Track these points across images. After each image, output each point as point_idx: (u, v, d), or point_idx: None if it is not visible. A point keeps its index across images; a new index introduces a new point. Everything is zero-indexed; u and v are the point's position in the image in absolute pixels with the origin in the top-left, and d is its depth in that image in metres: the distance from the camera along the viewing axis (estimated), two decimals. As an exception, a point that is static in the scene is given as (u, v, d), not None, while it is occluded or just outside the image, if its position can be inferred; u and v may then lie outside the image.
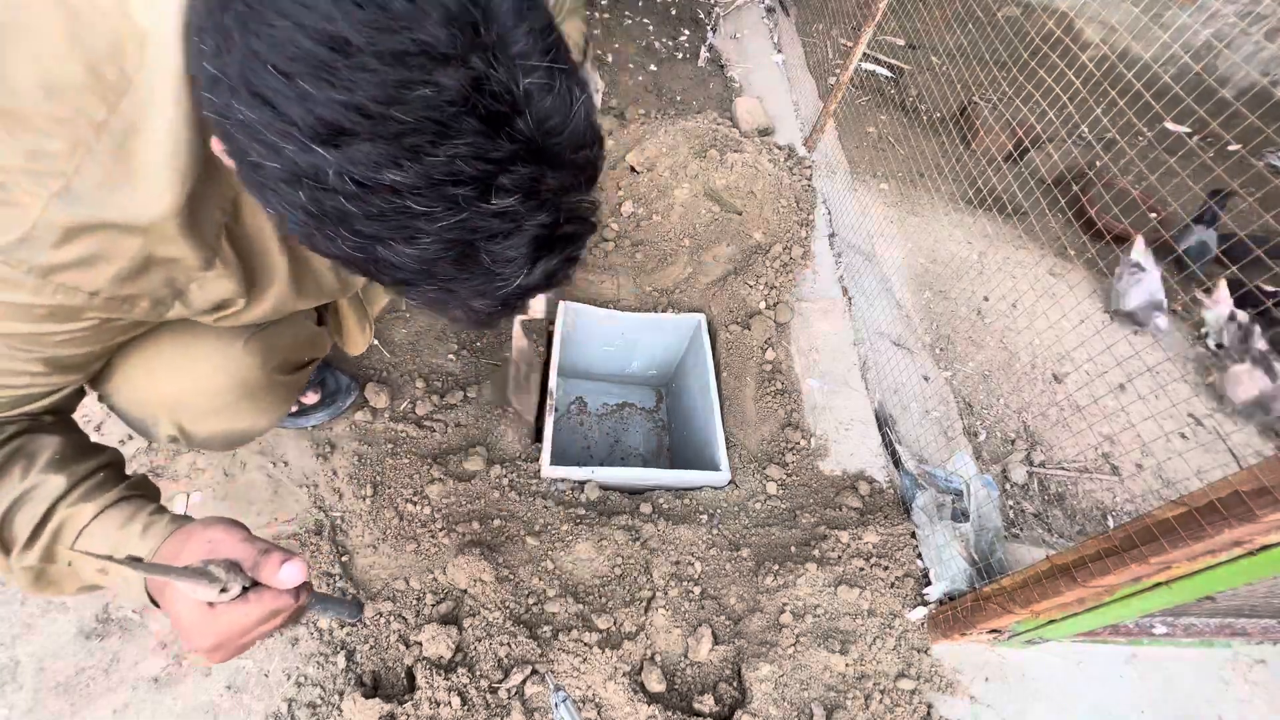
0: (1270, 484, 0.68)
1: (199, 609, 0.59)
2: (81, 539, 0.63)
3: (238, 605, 0.59)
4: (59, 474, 0.64)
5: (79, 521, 0.63)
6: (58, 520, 0.63)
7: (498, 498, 1.22)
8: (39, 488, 0.63)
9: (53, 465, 0.64)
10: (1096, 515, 1.60)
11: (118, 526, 0.63)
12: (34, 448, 0.65)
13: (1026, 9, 3.25)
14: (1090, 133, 2.37)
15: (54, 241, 0.51)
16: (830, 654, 1.11)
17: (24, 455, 0.64)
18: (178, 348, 0.76)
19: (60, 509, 0.63)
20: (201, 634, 0.60)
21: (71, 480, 0.64)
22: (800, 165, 2.02)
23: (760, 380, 1.54)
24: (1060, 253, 2.17)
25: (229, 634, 0.60)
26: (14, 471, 0.63)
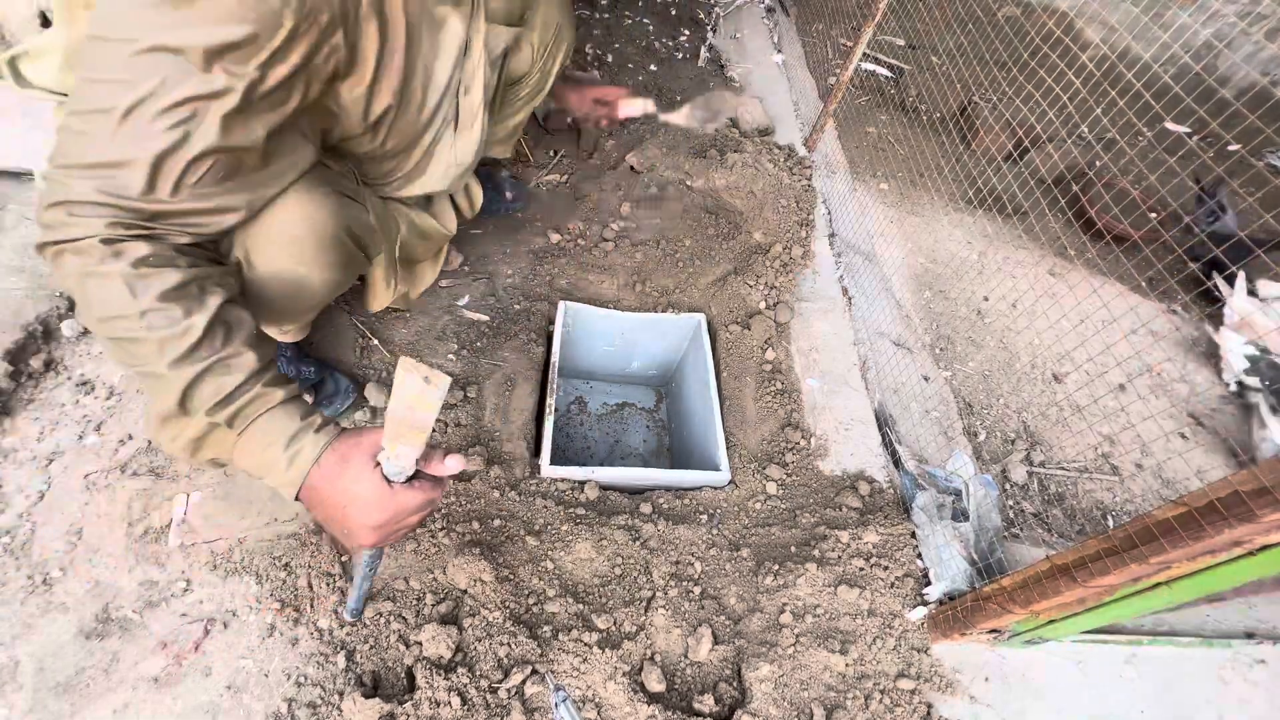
0: (1270, 484, 0.68)
1: (381, 486, 0.71)
2: (265, 416, 0.71)
3: (409, 487, 0.72)
4: (254, 351, 0.72)
5: (270, 400, 0.72)
6: (251, 394, 0.71)
7: (497, 497, 1.22)
8: (238, 357, 0.70)
9: (250, 341, 0.72)
10: (1096, 515, 1.60)
11: (300, 417, 0.73)
12: (232, 318, 0.72)
13: (1026, 9, 3.25)
14: (1090, 133, 2.37)
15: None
16: (830, 654, 1.11)
17: (223, 323, 0.70)
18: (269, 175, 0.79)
19: (255, 385, 0.71)
20: (380, 508, 0.71)
21: (262, 361, 0.72)
22: (800, 165, 2.02)
23: (760, 380, 1.54)
24: (1060, 253, 2.17)
25: (399, 512, 0.72)
26: (218, 334, 0.69)
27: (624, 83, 2.23)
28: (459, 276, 1.56)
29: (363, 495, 0.71)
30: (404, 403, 0.65)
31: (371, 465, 0.71)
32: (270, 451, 0.71)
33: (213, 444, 0.76)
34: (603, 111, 1.47)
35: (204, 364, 0.68)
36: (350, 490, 0.71)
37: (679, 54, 2.48)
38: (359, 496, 0.71)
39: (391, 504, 0.71)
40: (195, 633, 0.97)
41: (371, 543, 0.74)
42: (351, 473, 0.71)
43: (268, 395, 0.71)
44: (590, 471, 1.30)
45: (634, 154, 1.87)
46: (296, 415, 0.72)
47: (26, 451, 1.08)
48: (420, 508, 0.74)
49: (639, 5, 2.63)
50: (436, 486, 0.75)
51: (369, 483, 0.71)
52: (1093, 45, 3.03)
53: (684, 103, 1.53)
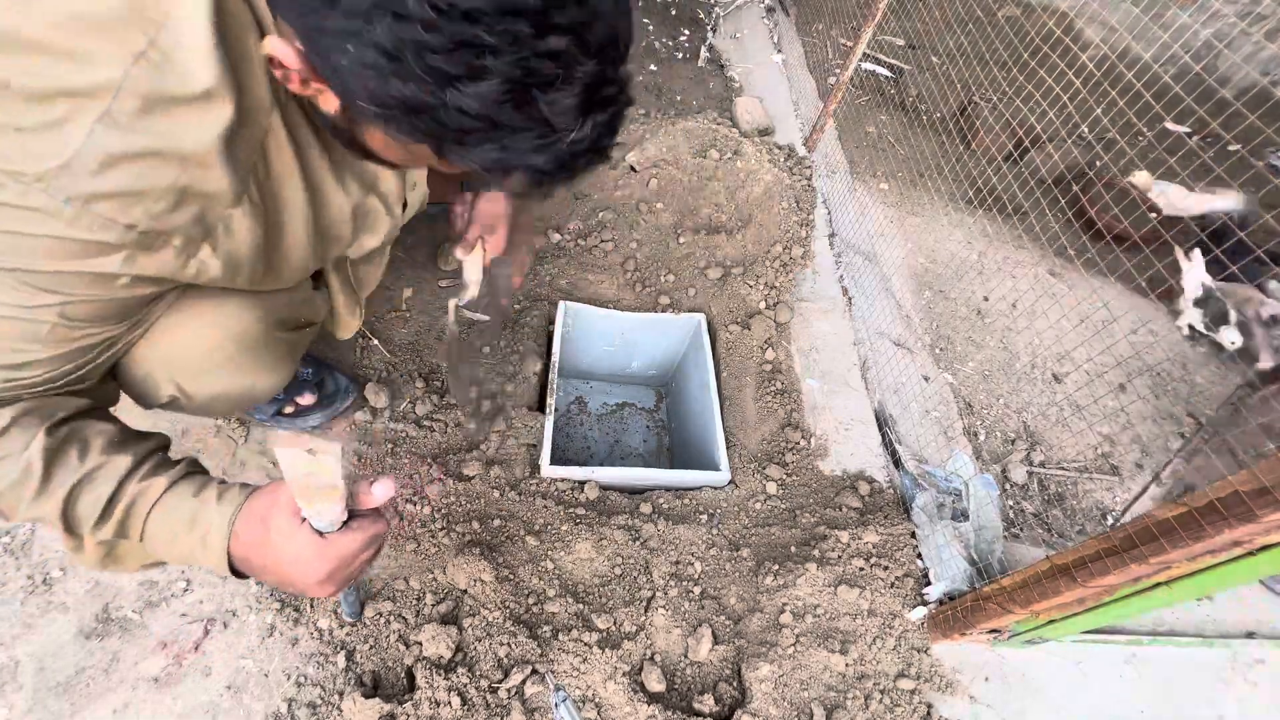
0: (1270, 484, 0.68)
1: (314, 541, 0.64)
2: (155, 511, 0.65)
3: (345, 534, 0.66)
4: (122, 454, 0.66)
5: (152, 495, 0.66)
6: (129, 496, 0.65)
7: (497, 497, 1.22)
8: (103, 467, 0.65)
9: (113, 446, 0.67)
10: (1096, 515, 1.60)
11: (192, 494, 0.66)
12: (87, 433, 0.67)
13: (1026, 9, 3.25)
14: (1090, 133, 2.37)
15: (94, 170, 0.51)
16: (830, 654, 1.11)
17: (78, 440, 0.65)
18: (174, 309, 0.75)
19: (130, 485, 0.65)
20: (318, 565, 0.65)
21: (136, 459, 0.67)
22: (800, 165, 2.02)
23: (760, 380, 1.54)
24: (1060, 253, 2.17)
25: (342, 561, 0.66)
26: (70, 454, 0.64)
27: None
28: (459, 276, 1.56)
29: (297, 555, 0.64)
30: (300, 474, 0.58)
31: (297, 521, 0.64)
32: (180, 542, 0.66)
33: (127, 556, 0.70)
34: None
35: (66, 487, 0.63)
36: (282, 553, 0.65)
37: (679, 54, 2.48)
38: (294, 557, 0.65)
39: (332, 554, 0.65)
40: (195, 633, 0.97)
41: (328, 594, 0.69)
42: (277, 536, 0.64)
43: (149, 489, 0.65)
44: (590, 471, 1.30)
45: (633, 154, 1.87)
46: (188, 494, 0.66)
47: (26, 451, 1.08)
48: (365, 546, 0.68)
49: (639, 5, 2.63)
50: (377, 519, 0.69)
51: (299, 541, 0.64)
52: (1093, 45, 3.03)
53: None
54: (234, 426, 1.18)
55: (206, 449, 1.15)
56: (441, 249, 1.57)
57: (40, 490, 0.62)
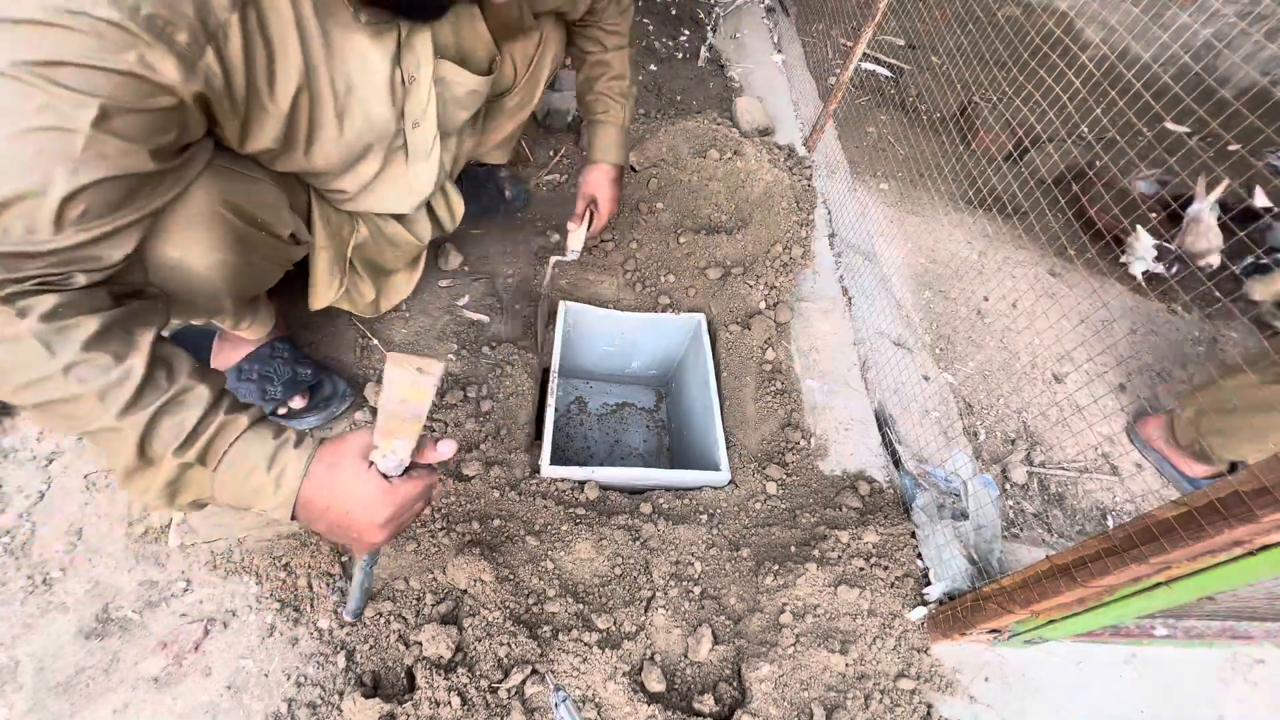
0: (1270, 484, 0.68)
1: (381, 483, 0.70)
2: (238, 444, 0.69)
3: (408, 479, 0.73)
4: (204, 383, 0.69)
5: (236, 429, 0.69)
6: (215, 425, 0.68)
7: (497, 497, 1.22)
8: (189, 392, 0.67)
9: (197, 374, 0.69)
10: (1096, 515, 1.60)
11: (272, 436, 0.70)
12: (171, 354, 0.69)
13: (1026, 9, 3.25)
14: (1090, 133, 2.37)
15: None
16: (830, 654, 1.11)
17: (163, 362, 0.67)
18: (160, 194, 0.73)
19: (215, 415, 0.68)
20: (383, 506, 0.71)
21: (215, 391, 0.69)
22: (800, 165, 2.02)
23: (760, 380, 1.54)
24: (1060, 253, 2.17)
25: (403, 504, 0.72)
26: (159, 375, 0.66)
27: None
28: (459, 276, 1.56)
29: (365, 495, 0.70)
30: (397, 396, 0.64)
31: (365, 465, 0.71)
32: (254, 478, 0.69)
33: (189, 486, 0.72)
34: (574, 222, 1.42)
35: (155, 406, 0.64)
36: (351, 493, 0.70)
37: (679, 54, 2.48)
38: (361, 497, 0.70)
39: (395, 497, 0.72)
40: (195, 633, 0.97)
41: (382, 539, 0.74)
42: (347, 477, 0.70)
43: (233, 422, 0.69)
44: (590, 471, 1.30)
45: (634, 153, 1.87)
46: (269, 436, 0.70)
47: (26, 451, 1.08)
48: (421, 495, 0.75)
49: (639, 5, 2.63)
50: (431, 473, 0.76)
51: (369, 482, 0.70)
52: (1093, 45, 3.03)
53: None
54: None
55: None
56: (441, 249, 1.57)
57: (132, 404, 0.63)
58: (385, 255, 1.21)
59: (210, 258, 0.83)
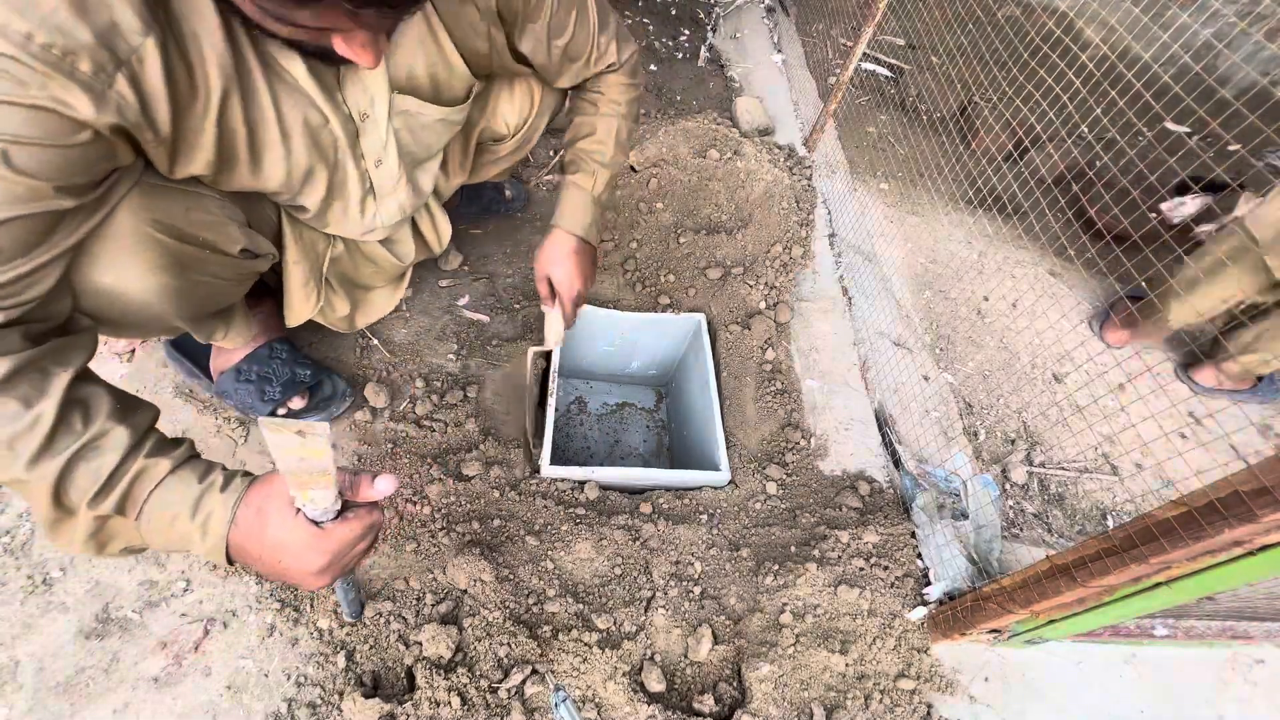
0: (1270, 484, 0.68)
1: (310, 531, 0.65)
2: (158, 491, 0.64)
3: (342, 524, 0.66)
4: (122, 425, 0.64)
5: (156, 475, 0.64)
6: (133, 472, 0.63)
7: (497, 497, 1.22)
8: (105, 436, 0.63)
9: (115, 415, 0.65)
10: (1096, 515, 1.60)
11: (197, 480, 0.66)
12: (88, 395, 0.65)
13: (1026, 9, 3.25)
14: (1090, 133, 2.37)
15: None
16: (830, 654, 1.11)
17: (79, 404, 0.63)
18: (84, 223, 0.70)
19: (133, 461, 0.64)
20: (315, 554, 0.66)
21: (136, 433, 0.65)
22: (800, 165, 2.02)
23: (760, 380, 1.54)
24: (1060, 253, 2.17)
25: (339, 550, 0.67)
26: (73, 418, 0.62)
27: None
28: (459, 276, 1.56)
29: (294, 544, 0.65)
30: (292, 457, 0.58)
31: (291, 512, 0.65)
32: (179, 525, 0.65)
33: (115, 536, 0.67)
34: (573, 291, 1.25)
35: (68, 453, 0.60)
36: (279, 542, 0.65)
37: (679, 54, 2.48)
38: (289, 546, 0.65)
39: (328, 544, 0.66)
40: (195, 633, 0.97)
41: (320, 585, 0.69)
42: (273, 525, 0.64)
43: (154, 467, 0.64)
44: (590, 471, 1.30)
45: (633, 153, 1.87)
46: (193, 479, 0.65)
47: (26, 451, 1.08)
48: (361, 537, 0.68)
49: (639, 5, 2.63)
50: (373, 510, 0.69)
51: (296, 530, 0.64)
52: (1093, 45, 3.03)
53: None
54: (234, 426, 1.18)
55: (207, 449, 1.15)
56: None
57: (41, 452, 0.60)
58: (363, 272, 1.17)
59: (147, 281, 0.79)
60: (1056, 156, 2.34)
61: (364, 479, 0.67)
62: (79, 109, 0.58)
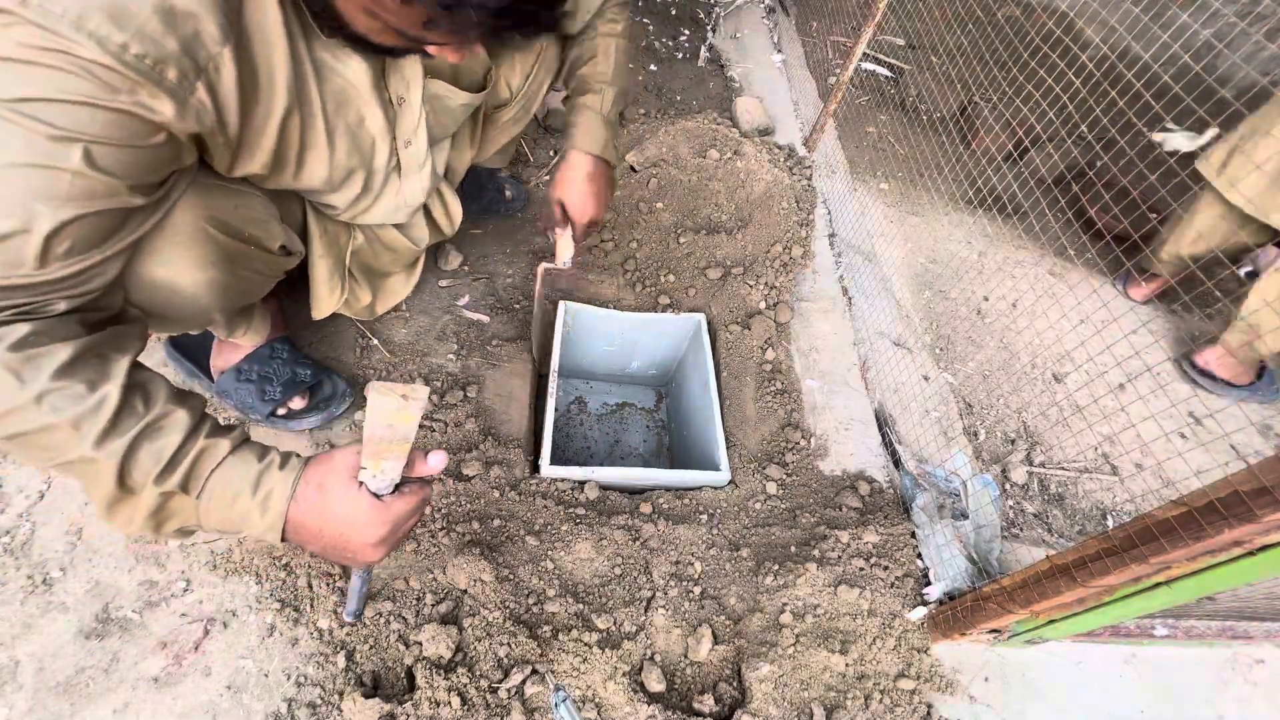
0: (1270, 484, 0.68)
1: (373, 502, 0.69)
2: (220, 470, 0.67)
3: (400, 497, 0.71)
4: (182, 408, 0.67)
5: (218, 454, 0.67)
6: (195, 450, 0.66)
7: (497, 497, 1.22)
8: (167, 417, 0.65)
9: (175, 398, 0.67)
10: (1096, 515, 1.60)
11: (257, 459, 0.69)
12: (147, 379, 0.67)
13: (1026, 9, 3.25)
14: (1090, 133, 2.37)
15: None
16: (830, 654, 1.11)
17: (139, 388, 0.66)
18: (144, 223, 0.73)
19: (195, 441, 0.66)
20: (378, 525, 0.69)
21: (194, 416, 0.68)
22: (800, 165, 2.02)
23: (760, 380, 1.54)
24: (1060, 253, 2.17)
25: (397, 522, 0.71)
26: (135, 400, 0.64)
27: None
28: (459, 276, 1.56)
29: (358, 517, 0.68)
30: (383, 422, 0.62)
31: (354, 485, 0.68)
32: (239, 503, 0.67)
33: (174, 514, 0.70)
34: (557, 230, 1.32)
35: (133, 433, 0.62)
36: (342, 515, 0.68)
37: (679, 54, 2.48)
38: (353, 519, 0.69)
39: (389, 516, 0.70)
40: (195, 633, 0.97)
41: (379, 557, 0.72)
42: (337, 498, 0.68)
43: (215, 447, 0.67)
44: (590, 471, 1.30)
45: (634, 153, 1.87)
46: (253, 458, 0.68)
47: (26, 451, 1.08)
48: (415, 510, 0.73)
49: (639, 5, 2.63)
50: (424, 486, 0.74)
51: (360, 503, 0.68)
52: (1093, 45, 3.03)
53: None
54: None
55: (206, 449, 1.15)
56: (441, 249, 1.57)
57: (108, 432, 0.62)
58: (382, 259, 1.21)
59: (198, 275, 0.82)
60: (1056, 157, 2.34)
61: (418, 454, 0.70)
62: (163, 113, 0.62)
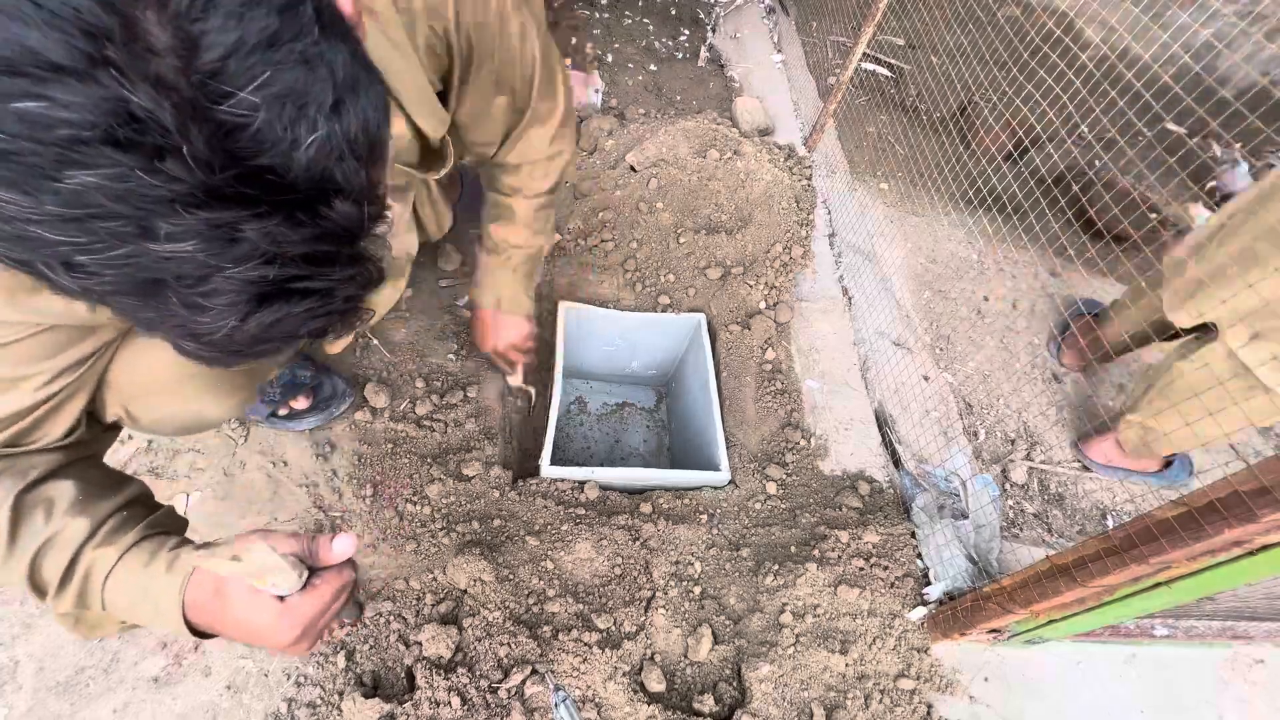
0: (1270, 484, 0.68)
1: (274, 607, 0.61)
2: (110, 581, 0.63)
3: (308, 593, 0.62)
4: (81, 517, 0.64)
5: (104, 565, 0.63)
6: (84, 566, 0.63)
7: (497, 497, 1.22)
8: (61, 533, 0.63)
9: (74, 508, 0.64)
10: (1096, 515, 1.60)
11: (142, 566, 0.64)
12: (54, 492, 0.65)
13: (1026, 9, 3.25)
14: (1090, 133, 2.37)
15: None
16: (830, 654, 1.11)
17: (43, 501, 0.64)
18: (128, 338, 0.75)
19: (85, 554, 0.63)
20: (285, 629, 0.62)
21: (94, 523, 0.65)
22: (800, 165, 2.01)
23: (760, 380, 1.54)
24: (1060, 253, 2.17)
25: (310, 620, 0.63)
26: (36, 517, 0.63)
27: (624, 82, 2.22)
28: (459, 276, 1.56)
29: (260, 623, 0.61)
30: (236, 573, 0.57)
31: (252, 591, 0.61)
32: (140, 610, 0.64)
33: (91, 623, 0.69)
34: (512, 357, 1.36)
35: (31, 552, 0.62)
36: (243, 620, 0.61)
37: (679, 54, 2.48)
38: (256, 625, 0.61)
39: (297, 617, 0.61)
40: (195, 633, 0.97)
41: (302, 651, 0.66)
42: (235, 606, 0.61)
43: (101, 559, 0.63)
44: (590, 472, 1.30)
45: (633, 153, 1.86)
46: (137, 566, 0.63)
47: (26, 451, 1.08)
48: (331, 601, 0.64)
49: (639, 5, 2.63)
50: (340, 572, 0.64)
51: (259, 609, 0.61)
52: (1093, 45, 3.03)
53: None
54: (234, 426, 1.18)
55: (206, 449, 1.15)
56: (441, 248, 1.57)
57: (7, 554, 0.61)
58: None
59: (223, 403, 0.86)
60: (1056, 156, 2.34)
61: (323, 542, 0.63)
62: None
